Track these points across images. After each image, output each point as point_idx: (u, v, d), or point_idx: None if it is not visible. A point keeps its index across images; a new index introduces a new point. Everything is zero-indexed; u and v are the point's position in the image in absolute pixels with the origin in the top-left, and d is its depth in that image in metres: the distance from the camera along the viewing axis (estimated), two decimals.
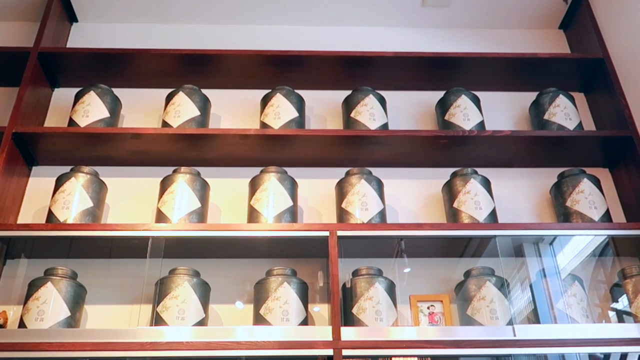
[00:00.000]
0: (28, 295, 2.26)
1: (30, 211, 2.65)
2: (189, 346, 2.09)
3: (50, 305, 2.21)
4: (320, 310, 2.45)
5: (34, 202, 2.67)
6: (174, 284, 2.27)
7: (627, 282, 2.40)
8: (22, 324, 2.19)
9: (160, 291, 2.27)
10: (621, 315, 2.45)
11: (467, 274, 2.41)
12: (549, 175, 2.78)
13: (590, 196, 2.55)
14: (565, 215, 2.58)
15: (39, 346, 2.08)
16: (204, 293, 2.31)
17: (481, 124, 2.81)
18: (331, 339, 2.10)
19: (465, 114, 2.80)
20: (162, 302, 2.23)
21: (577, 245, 2.56)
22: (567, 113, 2.82)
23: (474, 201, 2.52)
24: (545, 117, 2.84)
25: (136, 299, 2.39)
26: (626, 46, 2.87)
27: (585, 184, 2.59)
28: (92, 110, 2.74)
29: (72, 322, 2.24)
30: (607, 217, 2.54)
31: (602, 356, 2.37)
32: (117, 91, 2.89)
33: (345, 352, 2.09)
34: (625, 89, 2.83)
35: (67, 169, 2.59)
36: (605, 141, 2.74)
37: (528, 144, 2.74)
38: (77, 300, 2.30)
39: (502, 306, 2.28)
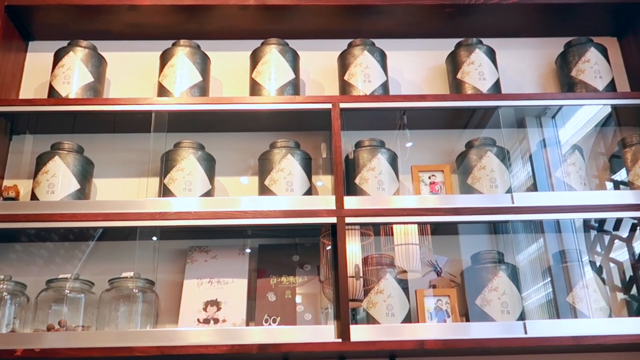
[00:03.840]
0: (37, 170, 2.30)
1: (31, 87, 2.64)
2: (197, 216, 2.16)
3: (60, 179, 2.26)
4: (324, 184, 2.51)
5: (34, 77, 2.65)
6: (179, 157, 2.30)
7: (626, 151, 2.43)
8: (33, 197, 2.26)
9: (166, 164, 2.31)
10: (618, 186, 2.50)
11: (469, 145, 2.43)
12: (555, 45, 2.72)
13: (596, 65, 2.52)
14: (569, 86, 2.56)
15: (52, 217, 2.15)
16: (209, 165, 2.36)
17: None
18: (334, 208, 2.17)
19: None
20: (169, 174, 2.28)
21: (579, 118, 2.56)
22: None
23: (477, 72, 2.49)
24: None
25: (143, 172, 2.44)
26: None
27: (592, 53, 2.55)
28: None
29: (81, 195, 2.30)
30: (611, 86, 2.52)
31: (596, 224, 2.45)
32: None
33: (348, 220, 2.16)
34: None
35: (64, 43, 2.54)
36: (615, 8, 2.65)
37: (536, 12, 2.66)
38: (84, 174, 2.35)
39: (502, 176, 2.32)
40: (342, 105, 2.33)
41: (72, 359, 1.98)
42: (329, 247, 2.22)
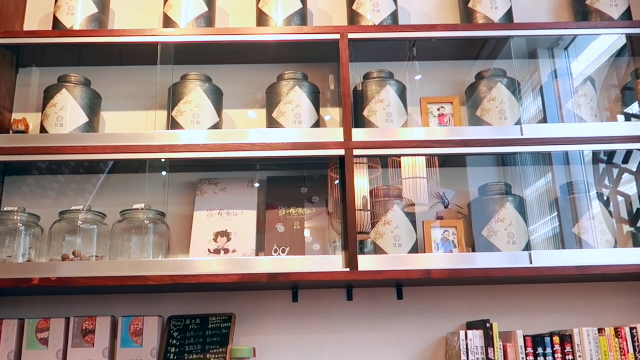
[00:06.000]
0: (45, 103, 2.31)
1: (35, 18, 2.60)
2: (206, 148, 2.16)
3: (68, 112, 2.26)
4: (332, 118, 2.49)
5: (38, 8, 2.61)
6: (186, 90, 2.29)
7: (639, 82, 2.39)
8: (43, 130, 2.27)
9: (174, 97, 2.30)
10: (630, 119, 2.47)
11: (479, 76, 2.40)
12: None
13: None
14: (584, 15, 2.50)
15: (62, 150, 2.16)
16: (217, 98, 2.35)
17: None
18: (343, 140, 2.17)
19: None
20: (177, 107, 2.28)
21: (593, 50, 2.51)
22: None
23: (489, 0, 2.43)
24: None
25: (150, 105, 2.43)
26: None
27: None
28: None
29: (90, 128, 2.31)
30: (627, 15, 2.46)
31: (606, 157, 2.44)
32: None
33: (356, 152, 2.16)
34: None
35: None
36: None
37: None
38: (92, 107, 2.34)
39: (512, 108, 2.30)
40: (351, 35, 2.29)
41: (87, 287, 2.05)
42: (337, 182, 2.23)
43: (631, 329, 2.04)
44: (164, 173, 2.36)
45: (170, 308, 2.26)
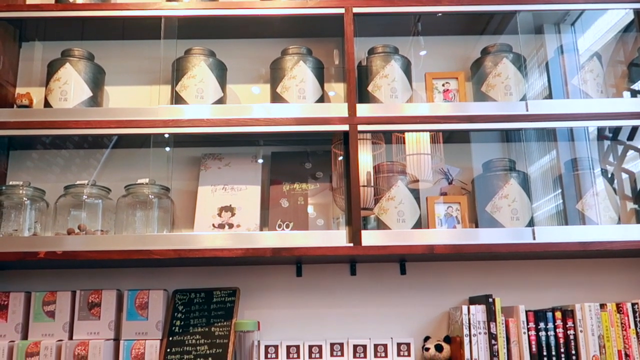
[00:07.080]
0: (48, 77, 2.30)
1: None
2: (210, 123, 2.16)
3: (72, 86, 2.26)
4: (336, 93, 2.48)
5: None
6: (190, 64, 2.28)
7: None
8: (47, 105, 2.27)
9: (178, 71, 2.29)
10: (636, 95, 2.46)
11: (484, 51, 2.38)
12: None
13: None
14: None
15: (66, 124, 2.16)
16: (221, 72, 2.34)
17: None
18: (347, 115, 2.16)
19: None
20: (180, 81, 2.27)
21: (599, 25, 2.48)
22: None
23: None
24: None
25: (154, 80, 2.42)
26: None
27: None
28: None
29: (94, 102, 2.31)
30: None
31: (610, 134, 2.43)
32: None
33: (360, 128, 2.16)
34: None
35: None
36: None
37: None
38: (96, 81, 2.34)
39: (517, 83, 2.29)
40: (355, 10, 2.27)
41: (92, 261, 2.06)
42: (340, 158, 2.23)
43: (633, 305, 2.06)
44: (167, 148, 2.36)
45: (175, 282, 2.28)
